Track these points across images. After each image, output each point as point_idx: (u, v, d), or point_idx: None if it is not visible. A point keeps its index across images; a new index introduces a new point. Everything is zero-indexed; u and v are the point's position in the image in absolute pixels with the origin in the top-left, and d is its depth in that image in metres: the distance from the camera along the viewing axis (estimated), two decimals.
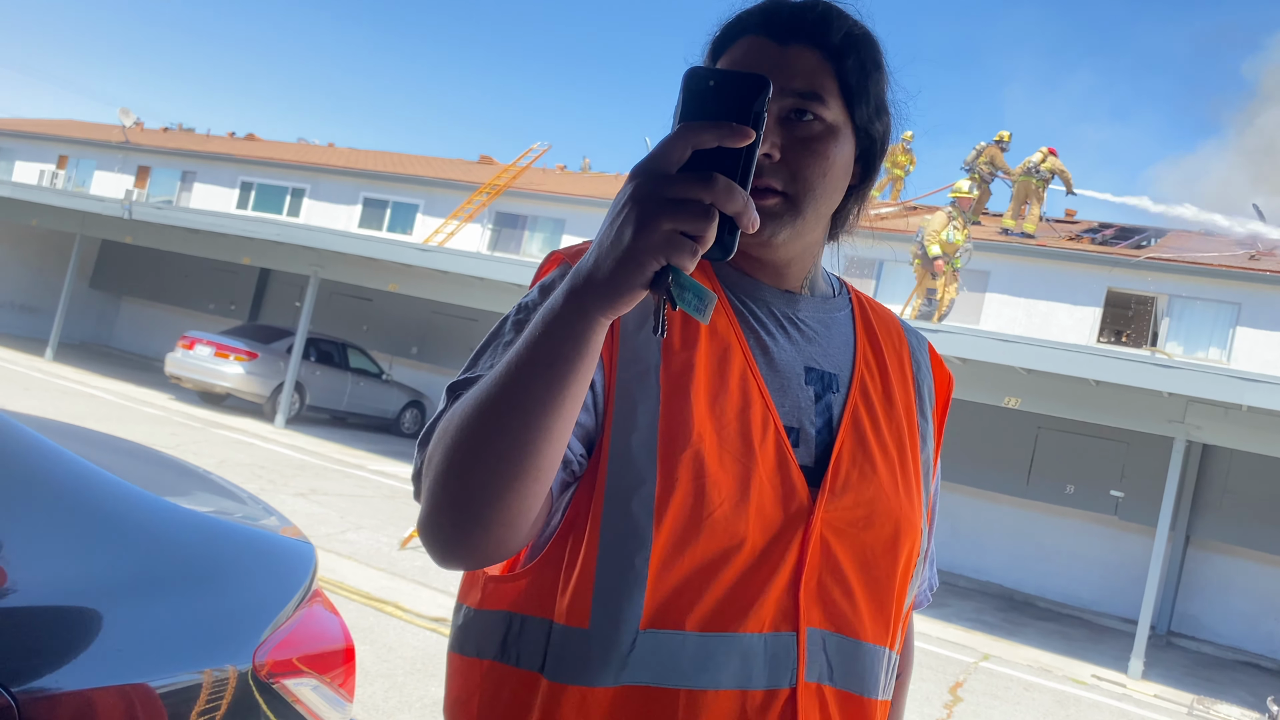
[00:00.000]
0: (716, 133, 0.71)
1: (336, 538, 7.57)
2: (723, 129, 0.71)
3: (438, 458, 0.84)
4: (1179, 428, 9.07)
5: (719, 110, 0.73)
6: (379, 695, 4.42)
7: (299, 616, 1.87)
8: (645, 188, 0.71)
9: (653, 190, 0.70)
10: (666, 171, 0.71)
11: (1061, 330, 14.93)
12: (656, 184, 0.70)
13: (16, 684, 1.32)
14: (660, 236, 0.70)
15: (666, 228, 0.70)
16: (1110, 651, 10.16)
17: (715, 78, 0.75)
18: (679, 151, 0.71)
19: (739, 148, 0.72)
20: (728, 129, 0.71)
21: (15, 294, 20.24)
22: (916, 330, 1.21)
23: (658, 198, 0.70)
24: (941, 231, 12.15)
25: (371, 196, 21.23)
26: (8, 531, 1.50)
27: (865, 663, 1.00)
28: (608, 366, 0.96)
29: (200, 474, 2.51)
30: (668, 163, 0.71)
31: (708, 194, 0.70)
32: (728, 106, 0.73)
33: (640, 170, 0.72)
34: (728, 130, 0.71)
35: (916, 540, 1.05)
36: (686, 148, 0.71)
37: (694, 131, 0.71)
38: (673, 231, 0.70)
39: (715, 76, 0.75)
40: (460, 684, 1.01)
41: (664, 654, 0.92)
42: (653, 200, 0.70)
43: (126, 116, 24.85)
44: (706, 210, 0.70)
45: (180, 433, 11.21)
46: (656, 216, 0.70)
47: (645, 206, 0.70)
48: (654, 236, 0.70)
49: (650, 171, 0.71)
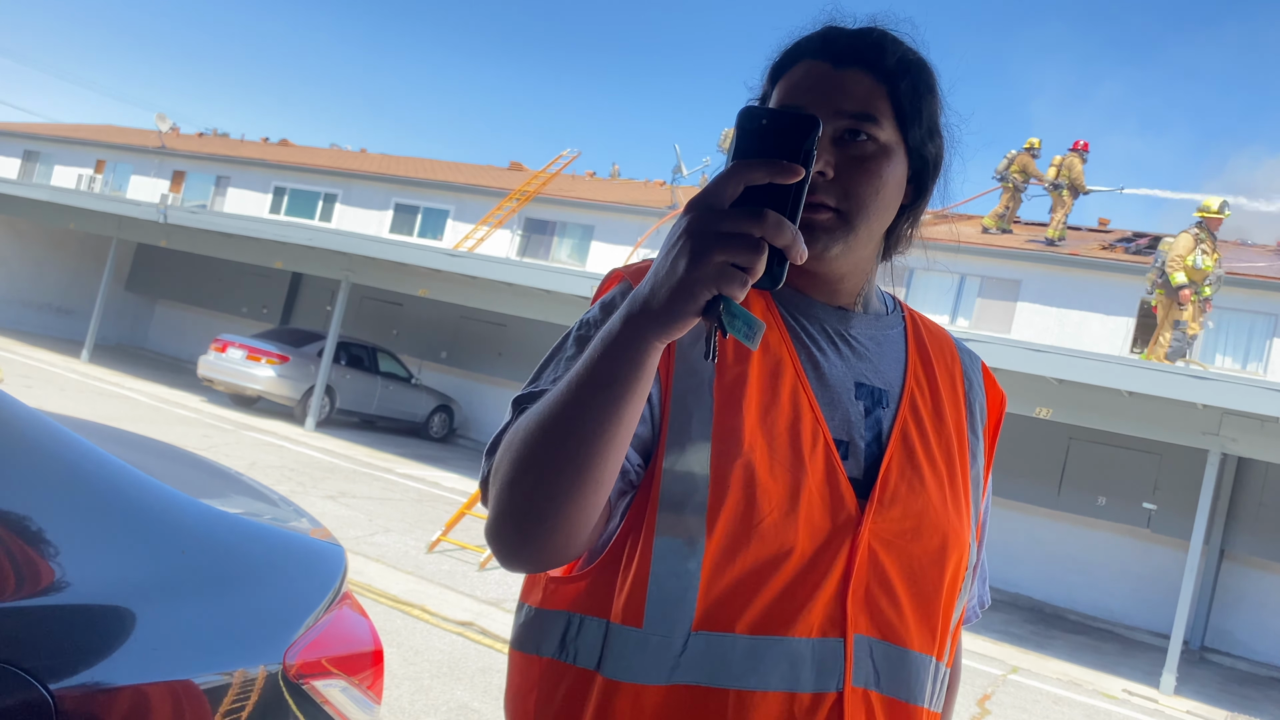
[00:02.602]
0: (768, 170, 0.75)
1: (365, 540, 7.62)
2: (773, 167, 0.75)
3: (504, 468, 0.89)
4: (1214, 440, 8.94)
5: (771, 148, 0.77)
6: (405, 698, 4.44)
7: (329, 618, 1.88)
8: (699, 222, 0.75)
9: (706, 224, 0.74)
10: (720, 206, 0.75)
11: (1094, 340, 14.77)
12: (710, 218, 0.74)
13: (54, 680, 1.34)
14: (713, 268, 0.74)
15: (719, 260, 0.74)
16: (1142, 666, 10.02)
17: (768, 117, 0.79)
18: (732, 187, 0.75)
19: (789, 184, 0.75)
20: (778, 167, 0.75)
21: (53, 296, 20.56)
22: (969, 349, 1.24)
23: (711, 232, 0.74)
24: (1188, 256, 10.75)
25: (403, 202, 21.37)
26: (49, 530, 1.52)
27: (911, 670, 1.02)
28: (664, 380, 1.01)
29: (232, 476, 2.53)
30: (721, 198, 0.75)
31: (758, 228, 0.73)
32: (779, 144, 0.77)
33: (695, 204, 0.76)
34: (778, 168, 0.75)
35: (964, 553, 1.08)
36: (739, 184, 0.75)
37: (747, 169, 0.75)
38: (725, 263, 0.74)
39: (768, 116, 0.79)
40: (520, 679, 1.05)
41: (714, 655, 0.95)
42: (706, 234, 0.74)
43: (163, 122, 25.17)
44: (757, 244, 0.74)
45: (212, 434, 11.33)
46: (710, 249, 0.74)
47: (699, 240, 0.74)
48: (707, 268, 0.74)
49: (705, 206, 0.75)
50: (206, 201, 23.54)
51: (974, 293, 16.03)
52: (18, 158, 27.29)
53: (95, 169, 25.55)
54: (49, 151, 26.91)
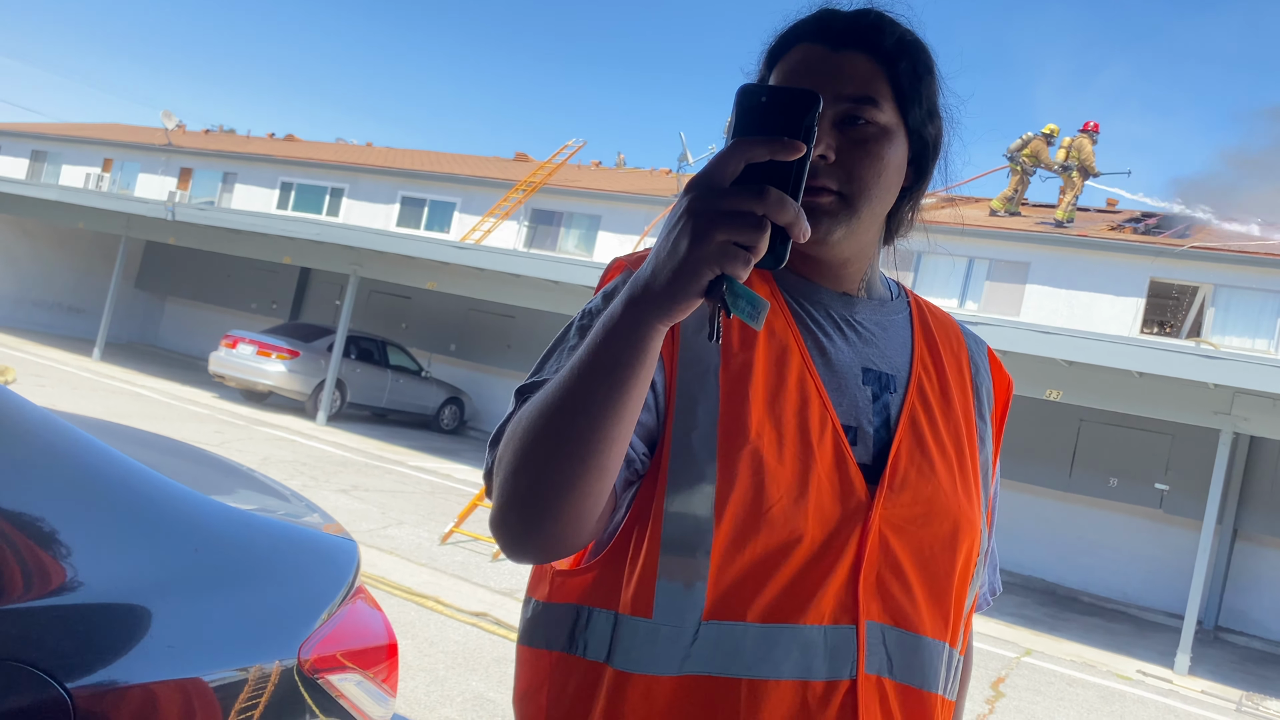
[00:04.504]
0: (768, 147, 0.74)
1: (378, 533, 7.66)
2: (774, 144, 0.74)
3: (507, 458, 0.89)
4: (1225, 420, 8.91)
5: (771, 125, 0.76)
6: (420, 689, 4.46)
7: (343, 613, 1.89)
8: (700, 201, 0.74)
9: (707, 203, 0.73)
10: (720, 185, 0.73)
11: (1103, 321, 14.71)
12: (711, 197, 0.73)
13: (71, 679, 1.35)
14: (715, 247, 0.73)
15: (721, 239, 0.72)
16: (1156, 647, 10.01)
17: (767, 94, 0.77)
18: (732, 166, 0.74)
19: (790, 161, 0.74)
20: (779, 144, 0.74)
21: (63, 295, 20.64)
22: (976, 334, 1.23)
23: (712, 210, 0.73)
24: None
25: (409, 195, 21.38)
26: (63, 530, 1.53)
27: (925, 657, 1.02)
28: (669, 367, 1.00)
29: (244, 472, 2.55)
30: (722, 177, 0.74)
31: (760, 206, 0.72)
32: (779, 121, 0.76)
33: (695, 184, 0.75)
34: (779, 145, 0.74)
35: (976, 539, 1.07)
36: (740, 162, 0.74)
37: (747, 146, 0.74)
38: (727, 242, 0.73)
39: (767, 93, 0.78)
40: (529, 675, 1.04)
41: (726, 644, 0.95)
42: (707, 213, 0.73)
43: (169, 119, 25.19)
44: (759, 222, 0.72)
45: (224, 430, 11.38)
46: (711, 228, 0.72)
47: (700, 219, 0.73)
48: (709, 247, 0.73)
49: (705, 185, 0.74)
50: (214, 198, 23.58)
51: (982, 275, 15.97)
52: (26, 158, 27.37)
53: (103, 168, 25.60)
54: (56, 151, 26.99)
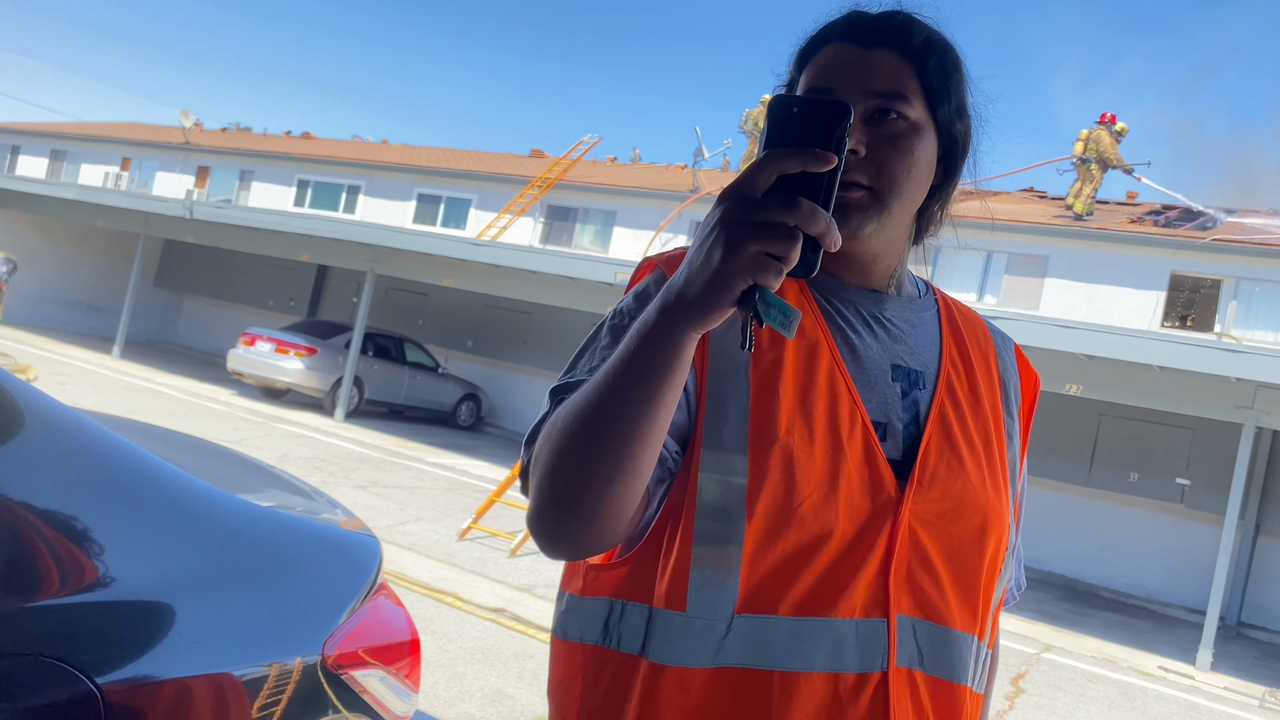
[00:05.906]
0: (800, 159, 0.75)
1: (396, 529, 7.69)
2: (806, 155, 0.75)
3: (544, 457, 0.91)
4: (1248, 414, 8.83)
5: (802, 136, 0.76)
6: (440, 684, 4.48)
7: (366, 609, 1.90)
8: (733, 212, 0.75)
9: (740, 214, 0.74)
10: (753, 196, 0.75)
11: (1124, 315, 14.61)
12: (744, 208, 0.74)
13: (100, 674, 1.37)
14: (747, 258, 0.74)
15: (753, 250, 0.74)
16: (1177, 642, 9.95)
17: (799, 105, 0.78)
18: (765, 177, 0.75)
19: (822, 172, 0.75)
20: (810, 155, 0.75)
21: (83, 294, 20.81)
22: (1002, 331, 1.24)
23: (745, 221, 0.74)
24: None
25: (425, 192, 21.44)
26: (96, 528, 1.55)
27: (954, 649, 1.03)
28: (699, 366, 1.02)
29: (265, 469, 2.56)
30: (754, 188, 0.75)
31: (792, 217, 0.73)
32: (811, 132, 0.76)
33: (728, 195, 0.76)
34: (810, 156, 0.75)
35: (1004, 534, 1.08)
36: (772, 173, 0.75)
37: (779, 158, 0.75)
38: (759, 253, 0.74)
39: (799, 104, 0.78)
40: (563, 667, 1.06)
41: (758, 637, 0.96)
42: (740, 224, 0.74)
43: (186, 118, 25.35)
44: (791, 232, 0.73)
45: (243, 427, 11.45)
46: (744, 239, 0.74)
47: (733, 230, 0.74)
48: (741, 258, 0.74)
49: (738, 196, 0.75)
50: (231, 196, 23.71)
51: (1001, 269, 15.89)
52: (45, 157, 27.59)
53: (121, 167, 25.78)
54: (75, 150, 27.19)
